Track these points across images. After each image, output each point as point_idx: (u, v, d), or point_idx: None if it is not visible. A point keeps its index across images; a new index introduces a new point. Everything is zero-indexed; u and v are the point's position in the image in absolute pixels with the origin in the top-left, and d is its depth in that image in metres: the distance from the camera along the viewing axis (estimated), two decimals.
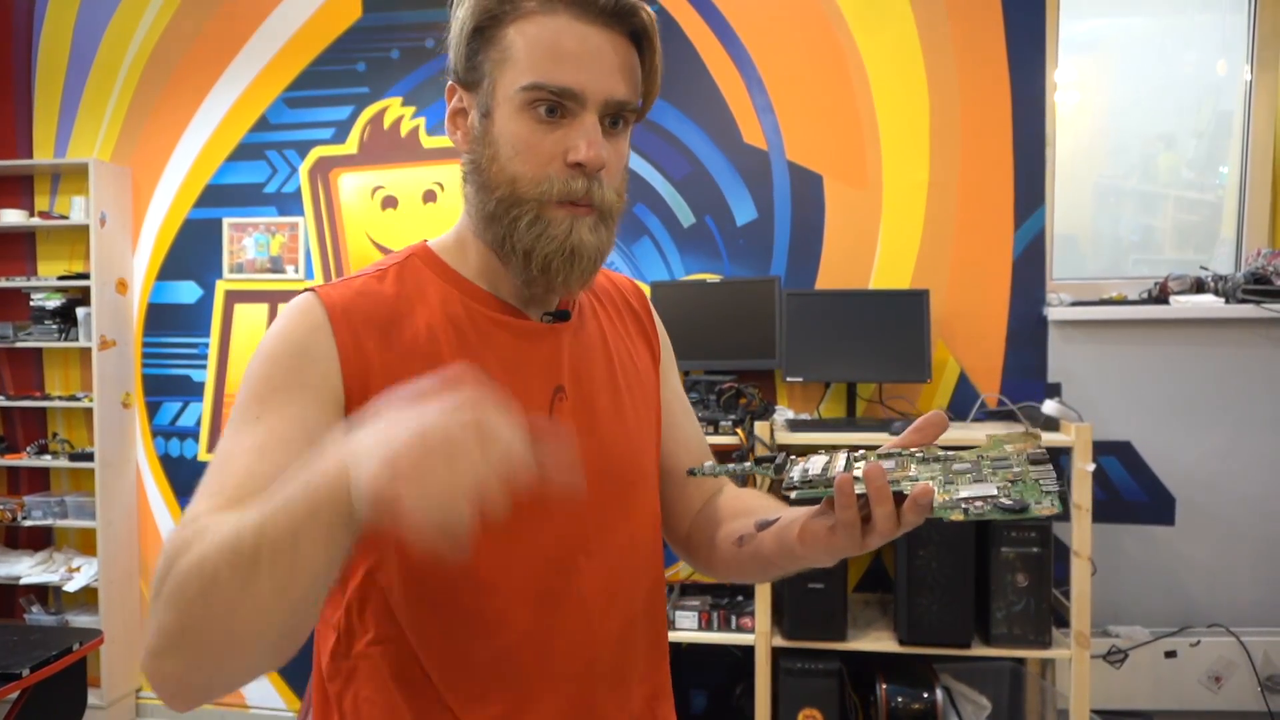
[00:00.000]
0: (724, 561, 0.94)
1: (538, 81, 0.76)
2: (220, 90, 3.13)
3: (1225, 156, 2.96)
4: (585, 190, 0.77)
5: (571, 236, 0.77)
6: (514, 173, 0.77)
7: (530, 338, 0.85)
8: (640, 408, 0.93)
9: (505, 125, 0.78)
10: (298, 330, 0.77)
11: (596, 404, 0.87)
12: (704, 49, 2.82)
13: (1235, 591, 2.62)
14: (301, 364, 0.76)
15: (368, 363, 0.77)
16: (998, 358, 2.71)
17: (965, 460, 0.72)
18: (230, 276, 3.15)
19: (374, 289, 0.82)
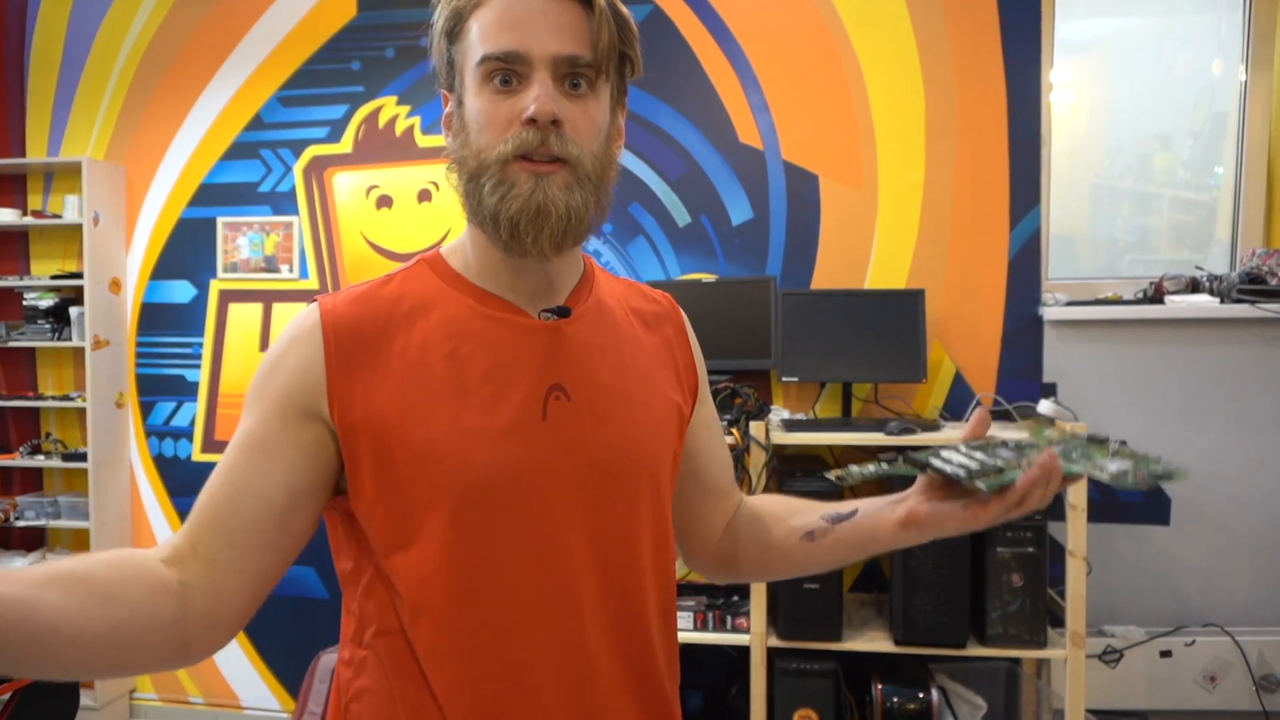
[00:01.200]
0: (788, 558, 0.96)
1: (486, 53, 0.78)
2: (214, 89, 3.12)
3: (1221, 157, 2.96)
4: (540, 140, 0.77)
5: (535, 194, 0.77)
6: (480, 144, 0.79)
7: (528, 335, 0.84)
8: (655, 416, 0.91)
9: (471, 104, 0.80)
10: (293, 349, 0.82)
11: (601, 404, 0.86)
12: (699, 48, 2.82)
13: (1230, 591, 2.62)
14: (278, 375, 0.81)
15: (354, 376, 0.80)
16: (993, 357, 2.71)
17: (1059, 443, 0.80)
18: (224, 276, 3.14)
19: (375, 295, 0.85)
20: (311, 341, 0.81)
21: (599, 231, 0.87)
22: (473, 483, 0.79)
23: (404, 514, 0.79)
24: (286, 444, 0.79)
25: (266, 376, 0.81)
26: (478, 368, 0.82)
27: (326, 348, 0.80)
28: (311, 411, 0.79)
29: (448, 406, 0.80)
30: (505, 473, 0.80)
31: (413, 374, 0.81)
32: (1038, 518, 2.27)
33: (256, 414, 0.80)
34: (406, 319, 0.83)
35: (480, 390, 0.81)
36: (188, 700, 3.20)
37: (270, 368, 0.82)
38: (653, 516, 0.89)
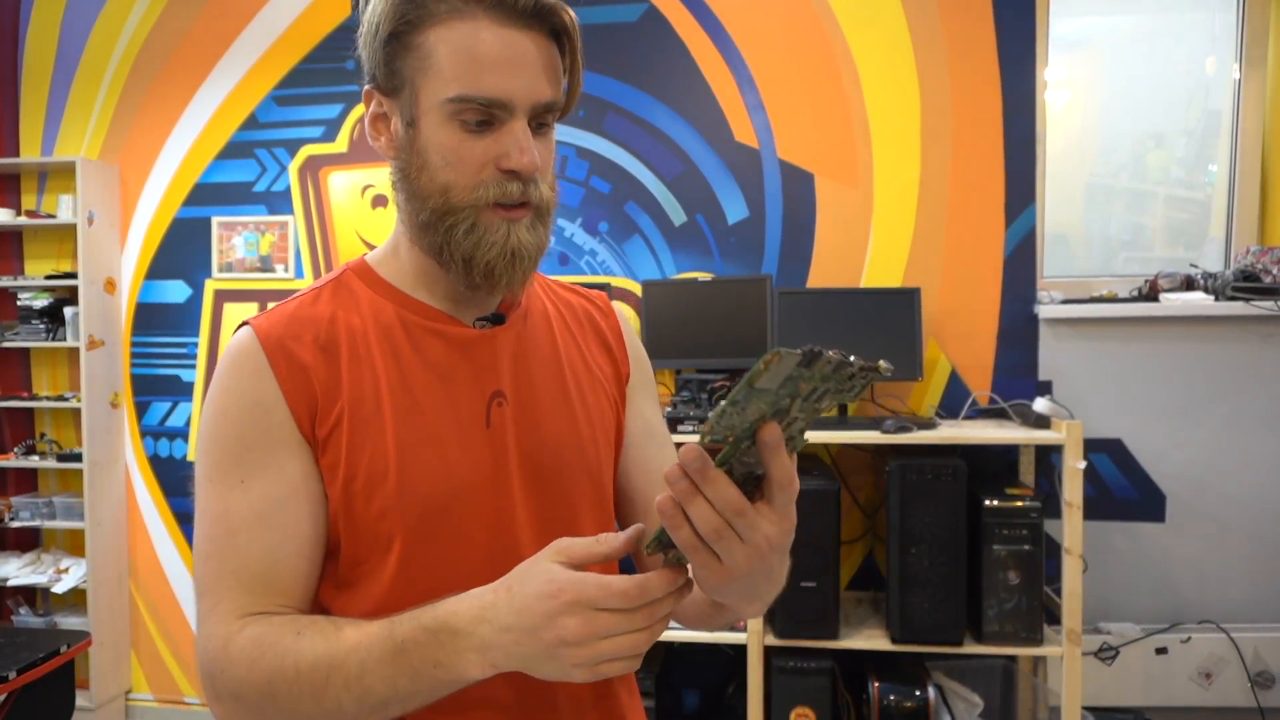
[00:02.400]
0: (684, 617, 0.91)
1: (464, 94, 0.75)
2: (209, 88, 3.11)
3: (1215, 155, 2.97)
4: (521, 193, 0.77)
5: (510, 239, 0.78)
6: (446, 181, 0.77)
7: (464, 344, 0.85)
8: (593, 413, 0.91)
9: (433, 135, 0.77)
10: (245, 382, 0.79)
11: (540, 406, 0.86)
12: (695, 47, 2.82)
13: (1226, 588, 2.63)
14: (261, 418, 0.78)
15: (312, 393, 0.79)
16: (989, 356, 2.71)
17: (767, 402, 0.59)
18: (219, 276, 3.13)
19: (307, 313, 0.83)
20: (264, 372, 0.79)
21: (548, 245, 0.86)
22: (425, 502, 0.79)
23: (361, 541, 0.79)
24: (312, 479, 0.79)
25: (250, 421, 0.78)
26: (419, 381, 0.82)
27: (278, 376, 0.79)
28: (297, 436, 0.79)
29: (393, 423, 0.80)
30: (454, 487, 0.80)
31: (357, 393, 0.80)
32: (1033, 515, 2.28)
33: (269, 464, 0.77)
34: (345, 334, 0.82)
35: (423, 403, 0.81)
36: (184, 700, 3.19)
37: (245, 410, 0.78)
38: (595, 515, 0.89)
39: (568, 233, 2.90)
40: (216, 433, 0.78)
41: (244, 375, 0.79)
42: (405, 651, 0.68)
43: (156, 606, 3.21)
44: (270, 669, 0.71)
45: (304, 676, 0.70)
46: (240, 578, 0.75)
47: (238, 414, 0.78)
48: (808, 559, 2.32)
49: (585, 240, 2.90)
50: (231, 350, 0.81)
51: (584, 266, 2.91)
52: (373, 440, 0.79)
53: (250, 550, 0.75)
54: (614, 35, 2.83)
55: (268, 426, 0.78)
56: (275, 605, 0.76)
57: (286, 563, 0.76)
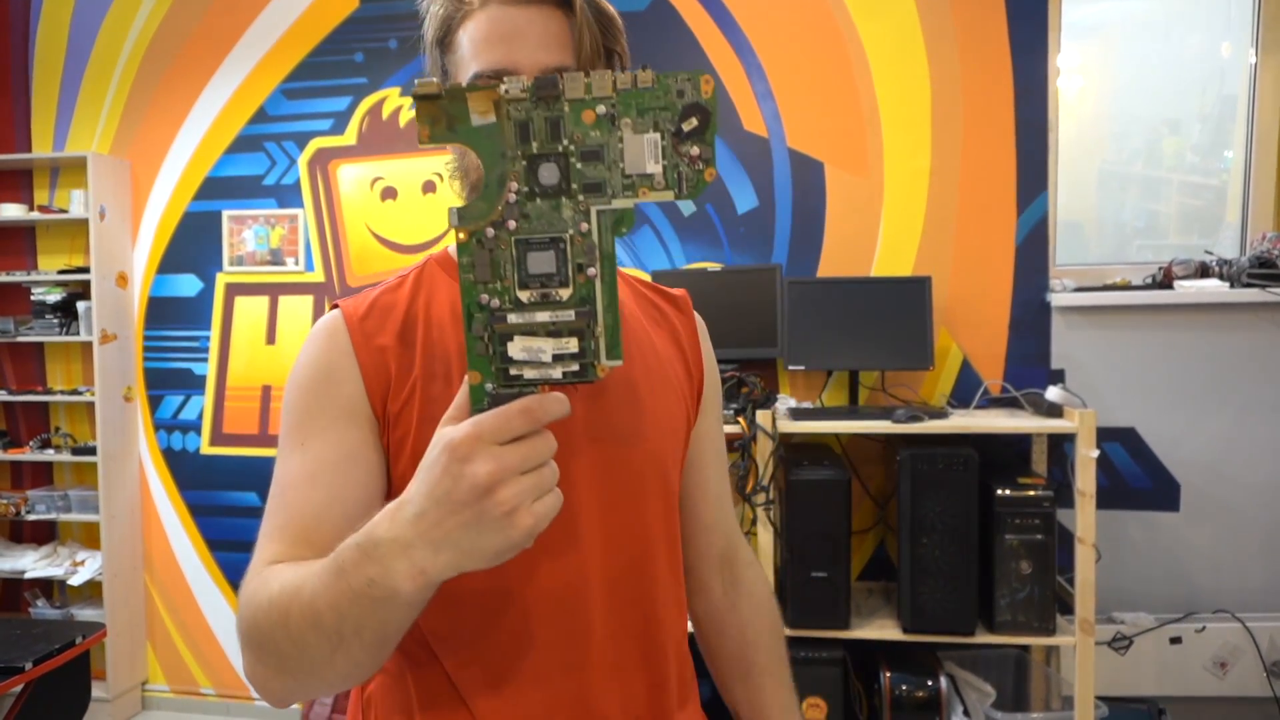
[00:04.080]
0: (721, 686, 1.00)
1: (478, 70, 0.81)
2: (218, 82, 3.11)
3: (1230, 141, 2.93)
4: None
5: None
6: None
7: None
8: (660, 408, 0.91)
9: None
10: (324, 356, 0.84)
11: (610, 395, 0.87)
12: (703, 35, 2.80)
13: (1241, 577, 2.61)
14: (331, 389, 0.82)
15: (387, 372, 0.83)
16: (1001, 344, 2.69)
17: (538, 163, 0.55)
18: (230, 269, 3.14)
19: (389, 299, 0.88)
20: (345, 349, 0.83)
21: None
22: None
23: None
24: (369, 448, 0.81)
25: (321, 389, 0.82)
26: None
27: (358, 353, 0.83)
28: (365, 409, 0.82)
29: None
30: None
31: (430, 372, 0.83)
32: (1045, 505, 2.26)
33: (329, 430, 0.80)
34: (424, 317, 0.86)
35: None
36: (199, 691, 3.22)
37: (319, 379, 0.83)
38: (662, 505, 0.90)
39: None
40: (291, 402, 0.83)
41: (323, 350, 0.84)
42: (344, 572, 0.63)
43: (171, 598, 3.24)
44: (259, 601, 0.69)
45: (275, 605, 0.67)
46: (284, 532, 0.76)
47: (309, 384, 0.83)
48: (819, 549, 2.31)
49: None
50: (318, 327, 0.86)
51: None
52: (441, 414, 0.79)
53: (297, 506, 0.77)
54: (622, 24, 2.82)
55: (335, 396, 0.82)
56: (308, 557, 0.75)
57: (330, 521, 0.76)
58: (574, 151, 0.54)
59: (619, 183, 0.54)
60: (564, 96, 0.54)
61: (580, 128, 0.54)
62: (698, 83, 0.54)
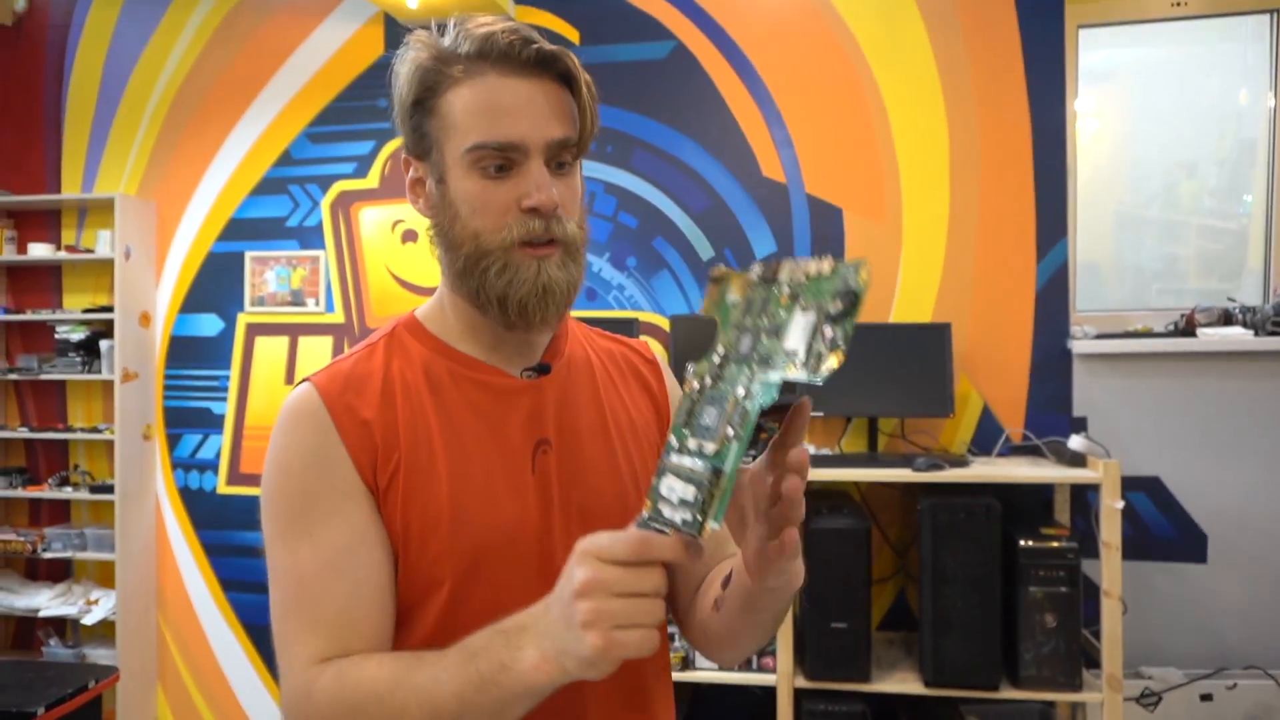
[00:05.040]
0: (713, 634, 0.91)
1: (480, 141, 0.80)
2: (245, 126, 3.17)
3: (1248, 185, 2.93)
4: (545, 229, 0.81)
5: (540, 276, 0.81)
6: (475, 228, 0.81)
7: (511, 395, 0.88)
8: (635, 461, 0.93)
9: (459, 186, 0.82)
10: (310, 439, 0.82)
11: (584, 454, 0.89)
12: (722, 83, 2.83)
13: (1272, 632, 2.55)
14: (325, 472, 0.81)
15: (373, 446, 0.82)
16: (1022, 391, 2.67)
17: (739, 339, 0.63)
18: (252, 309, 3.17)
19: (363, 369, 0.86)
20: (326, 427, 0.82)
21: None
22: (477, 547, 0.82)
23: (411, 586, 0.82)
24: (378, 527, 0.81)
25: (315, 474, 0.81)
26: (469, 430, 0.85)
27: (340, 429, 0.82)
28: (360, 486, 0.82)
29: (447, 471, 0.83)
30: (504, 532, 0.83)
31: (414, 444, 0.83)
32: (1069, 556, 2.22)
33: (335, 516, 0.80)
34: (400, 388, 0.86)
35: (474, 452, 0.84)
36: None
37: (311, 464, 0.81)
38: None
39: (595, 268, 2.91)
40: (282, 487, 0.82)
41: (306, 429, 0.82)
42: (475, 656, 0.69)
43: (184, 639, 3.22)
44: (352, 701, 0.73)
45: (384, 700, 0.71)
46: (317, 627, 0.77)
47: (301, 468, 0.81)
48: (838, 598, 2.28)
49: (613, 275, 2.91)
50: (292, 406, 0.84)
51: (611, 301, 2.91)
52: (427, 487, 0.82)
53: (324, 598, 0.78)
54: (642, 72, 2.86)
55: (332, 478, 0.81)
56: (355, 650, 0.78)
57: (362, 609, 0.79)
58: (766, 327, 0.62)
59: (781, 359, 0.61)
60: (778, 278, 0.62)
61: (777, 309, 0.62)
62: (858, 269, 0.59)
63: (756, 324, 0.63)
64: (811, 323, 0.59)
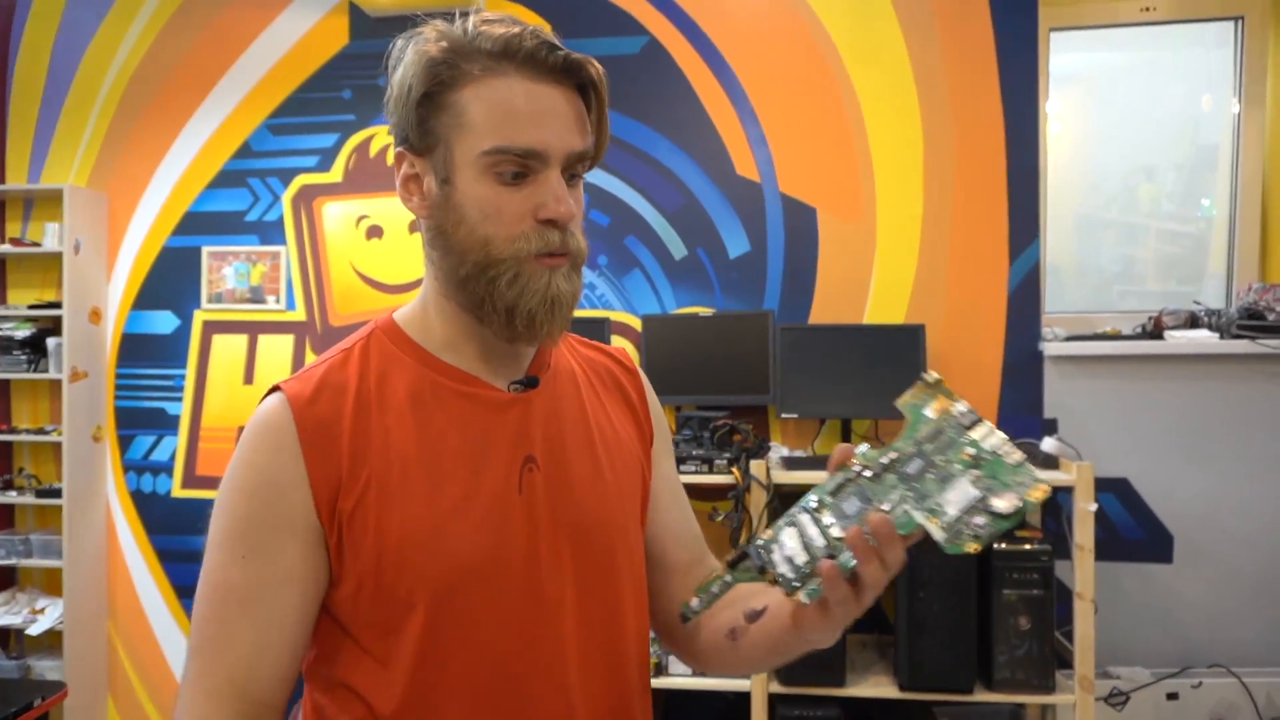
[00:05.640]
0: (714, 656, 0.92)
1: (500, 145, 0.76)
2: (202, 116, 3.06)
3: (1206, 189, 2.97)
4: (561, 241, 0.78)
5: (551, 288, 0.79)
6: (486, 234, 0.77)
7: (497, 409, 0.83)
8: (622, 476, 0.90)
9: (469, 189, 0.78)
10: (268, 459, 0.78)
11: (571, 470, 0.85)
12: (696, 80, 2.79)
13: (1236, 630, 2.58)
14: (274, 497, 0.77)
15: (338, 469, 0.78)
16: (993, 393, 2.67)
17: (911, 457, 0.69)
18: (209, 306, 3.06)
19: (336, 378, 0.82)
20: (290, 446, 0.78)
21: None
22: (455, 569, 0.78)
23: (387, 610, 0.78)
24: (310, 566, 0.78)
25: (261, 500, 0.77)
26: (451, 445, 0.81)
27: (305, 448, 0.77)
28: (314, 525, 0.78)
29: (424, 489, 0.79)
30: (487, 554, 0.79)
31: (388, 457, 0.79)
32: (1043, 559, 2.23)
33: (269, 546, 0.77)
34: (376, 397, 0.81)
35: (456, 468, 0.80)
36: None
37: (260, 487, 0.78)
38: (630, 577, 0.89)
39: None
40: (231, 503, 0.78)
41: (268, 449, 0.78)
42: None
43: (136, 650, 3.10)
44: None
45: None
46: (218, 668, 0.77)
47: (252, 489, 0.78)
48: None
49: (584, 274, 2.85)
50: (260, 418, 0.80)
51: (583, 300, 2.86)
52: (403, 506, 0.78)
53: (234, 638, 0.77)
54: (615, 68, 2.80)
55: (278, 508, 0.77)
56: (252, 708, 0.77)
57: (268, 657, 0.77)
58: (938, 467, 0.67)
59: (930, 503, 0.66)
60: (971, 435, 0.68)
61: (955, 458, 0.67)
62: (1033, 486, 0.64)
63: (931, 458, 0.68)
64: (973, 499, 0.64)
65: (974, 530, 0.63)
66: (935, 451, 0.68)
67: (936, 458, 0.67)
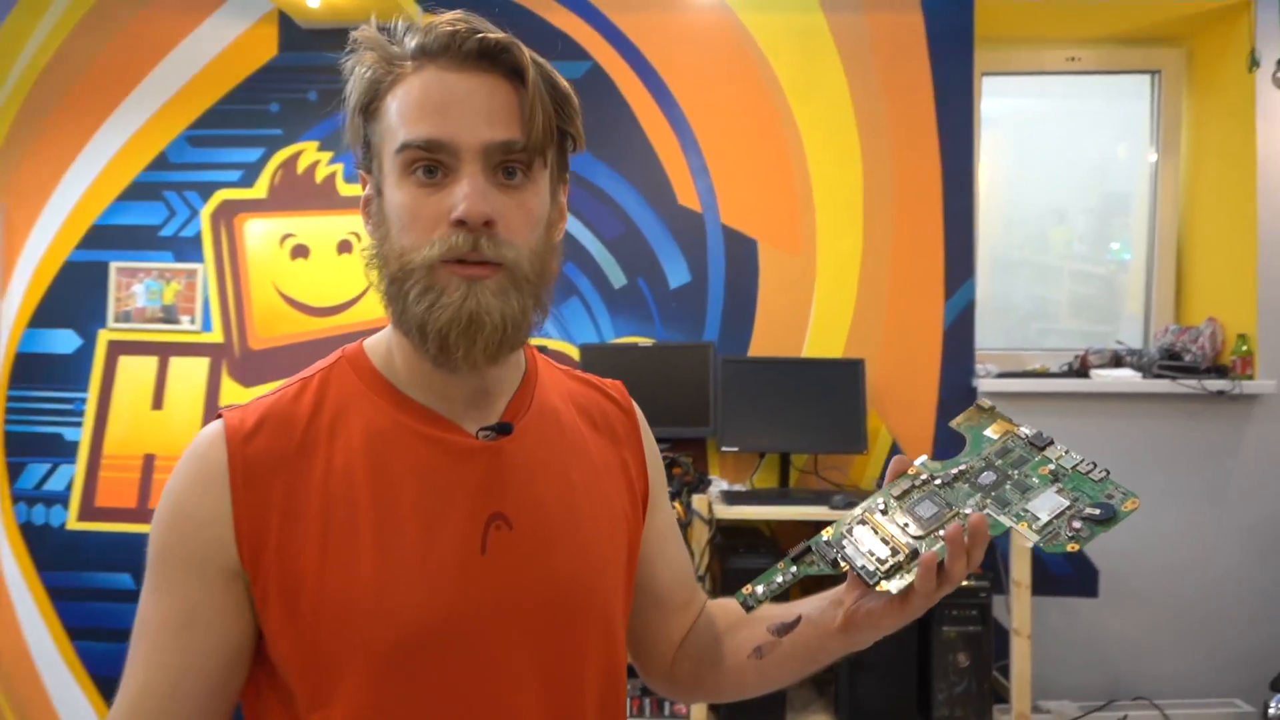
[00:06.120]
0: (739, 679, 0.85)
1: (405, 140, 0.70)
2: (114, 124, 2.87)
3: (1116, 234, 3.11)
4: (471, 245, 0.68)
5: (468, 302, 0.69)
6: (403, 244, 0.71)
7: (462, 457, 0.74)
8: (604, 538, 0.81)
9: (392, 196, 0.72)
10: (190, 489, 0.71)
11: (550, 531, 0.76)
12: (639, 107, 2.77)
13: (1157, 663, 2.65)
14: (189, 531, 0.70)
15: (266, 512, 0.70)
16: (929, 428, 2.70)
17: (983, 470, 0.73)
18: (115, 325, 2.86)
19: (286, 410, 0.74)
20: (216, 481, 0.70)
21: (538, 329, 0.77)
22: (401, 637, 0.69)
23: (319, 675, 0.69)
24: (216, 610, 0.69)
25: (175, 533, 0.71)
26: (407, 495, 0.72)
27: (234, 486, 0.70)
28: (231, 566, 0.69)
29: (372, 544, 0.70)
30: (439, 622, 0.70)
31: (332, 506, 0.70)
32: (982, 596, 2.24)
33: (175, 584, 0.70)
34: (327, 437, 0.73)
35: (410, 522, 0.71)
36: None
37: (176, 520, 0.71)
38: (602, 660, 0.79)
39: None
40: (152, 534, 0.72)
41: (191, 480, 0.71)
42: None
43: (19, 696, 2.84)
44: None
45: None
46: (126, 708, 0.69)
47: (169, 522, 0.71)
48: None
49: None
50: (194, 446, 0.73)
51: None
52: (347, 563, 0.69)
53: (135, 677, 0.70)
54: None
55: (189, 544, 0.70)
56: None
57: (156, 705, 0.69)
58: (1014, 479, 0.71)
59: (1015, 509, 0.70)
60: (1046, 454, 0.73)
61: (1033, 472, 0.71)
62: (1126, 498, 0.69)
63: (1005, 471, 0.72)
64: (1063, 505, 0.69)
65: (1072, 532, 0.67)
66: (1008, 466, 0.72)
67: (1011, 471, 0.72)
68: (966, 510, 0.70)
